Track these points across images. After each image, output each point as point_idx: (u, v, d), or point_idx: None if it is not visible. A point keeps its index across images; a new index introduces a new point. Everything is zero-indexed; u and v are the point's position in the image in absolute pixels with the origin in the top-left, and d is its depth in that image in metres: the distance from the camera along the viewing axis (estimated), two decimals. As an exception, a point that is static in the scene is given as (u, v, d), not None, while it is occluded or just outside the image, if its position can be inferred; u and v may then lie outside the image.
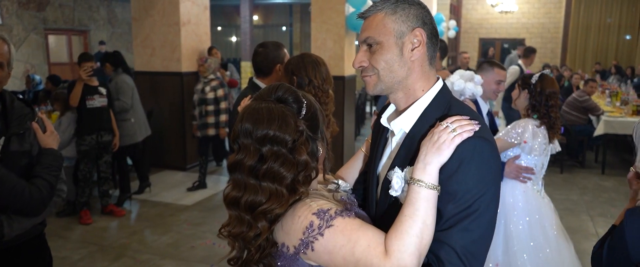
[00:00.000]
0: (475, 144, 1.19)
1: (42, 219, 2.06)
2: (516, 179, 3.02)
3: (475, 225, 1.18)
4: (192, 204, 5.50)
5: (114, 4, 14.56)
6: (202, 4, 6.98)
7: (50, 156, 2.01)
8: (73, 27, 13.33)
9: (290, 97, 1.28)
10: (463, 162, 1.18)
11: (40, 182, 1.94)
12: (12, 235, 1.93)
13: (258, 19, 19.34)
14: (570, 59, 15.69)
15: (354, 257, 1.14)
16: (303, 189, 1.23)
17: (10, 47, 1.96)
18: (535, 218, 2.99)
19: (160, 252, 4.27)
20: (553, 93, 2.97)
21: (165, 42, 6.72)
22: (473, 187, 1.18)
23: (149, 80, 6.89)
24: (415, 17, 1.30)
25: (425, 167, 1.18)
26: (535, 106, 2.99)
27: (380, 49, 1.30)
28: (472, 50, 16.93)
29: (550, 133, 3.00)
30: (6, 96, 2.00)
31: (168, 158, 6.99)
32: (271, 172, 1.20)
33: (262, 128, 1.20)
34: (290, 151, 1.21)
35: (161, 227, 4.84)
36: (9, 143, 1.94)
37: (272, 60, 2.78)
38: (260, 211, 1.21)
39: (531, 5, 16.06)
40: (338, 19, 6.21)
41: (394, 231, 1.14)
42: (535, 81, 3.01)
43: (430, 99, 1.33)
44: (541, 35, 16.06)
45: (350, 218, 1.18)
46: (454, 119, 1.21)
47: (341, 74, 6.18)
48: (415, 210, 1.15)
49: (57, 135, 2.11)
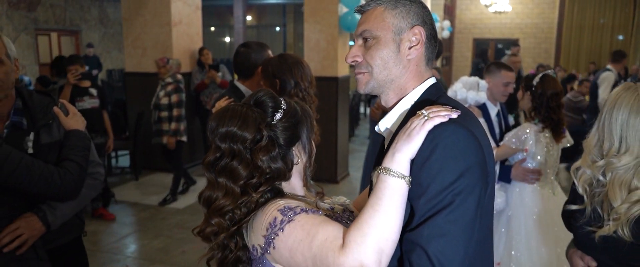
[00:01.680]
0: (451, 129, 1.09)
1: (81, 205, 2.05)
2: (524, 181, 3.00)
3: (449, 222, 1.05)
4: (183, 208, 5.42)
5: (106, 4, 14.44)
6: (194, 4, 6.90)
7: (74, 137, 1.98)
8: (64, 27, 13.20)
9: (269, 100, 1.26)
10: (435, 150, 1.07)
11: (68, 164, 1.91)
12: (57, 223, 1.93)
13: (251, 19, 19.26)
14: (564, 59, 15.73)
15: (311, 252, 1.08)
16: (255, 194, 1.20)
17: (4, 39, 1.91)
18: (544, 218, 2.96)
19: (151, 257, 4.19)
20: (555, 94, 2.90)
21: (156, 43, 6.63)
22: (446, 178, 1.06)
23: (140, 81, 6.80)
24: (416, 15, 1.25)
25: (394, 154, 1.09)
26: (536, 108, 2.94)
27: (377, 44, 1.24)
28: (466, 51, 16.93)
29: (553, 135, 2.95)
30: (24, 92, 2.01)
31: (159, 160, 6.89)
32: (226, 168, 1.21)
33: (223, 126, 1.21)
34: (248, 151, 1.21)
35: (152, 231, 4.75)
36: (39, 136, 1.94)
37: (254, 62, 2.58)
38: (214, 207, 1.22)
39: (525, 6, 16.07)
40: (331, 19, 6.15)
41: (354, 223, 1.06)
42: (536, 82, 2.95)
43: (417, 96, 1.26)
44: (535, 36, 16.07)
45: (314, 214, 1.14)
46: (429, 107, 1.13)
47: (335, 75, 6.12)
48: (378, 199, 1.06)
49: (81, 116, 2.08)
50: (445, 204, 1.05)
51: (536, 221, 2.96)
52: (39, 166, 1.82)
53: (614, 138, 1.67)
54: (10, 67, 1.89)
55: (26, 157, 1.81)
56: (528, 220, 2.97)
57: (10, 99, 1.94)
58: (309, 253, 1.09)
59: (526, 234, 2.95)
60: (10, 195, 1.87)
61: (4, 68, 1.87)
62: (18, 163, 1.77)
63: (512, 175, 3.01)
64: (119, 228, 4.90)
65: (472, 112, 1.27)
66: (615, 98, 1.69)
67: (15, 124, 1.93)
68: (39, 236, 1.89)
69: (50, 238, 1.99)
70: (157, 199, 5.68)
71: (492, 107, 3.25)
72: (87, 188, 2.04)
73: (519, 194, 3.03)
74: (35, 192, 1.83)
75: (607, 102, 1.71)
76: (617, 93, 1.70)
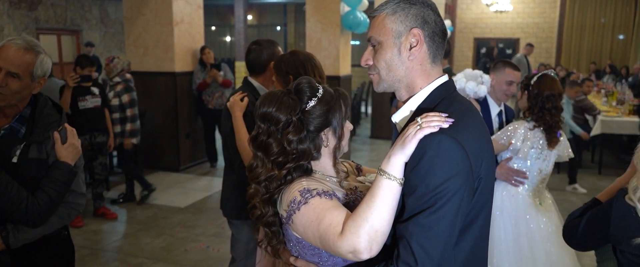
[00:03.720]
0: (438, 139, 1.20)
1: (51, 230, 2.01)
2: (506, 181, 2.94)
3: (432, 221, 1.19)
4: (185, 206, 5.42)
5: (107, 3, 14.44)
6: (195, 3, 6.90)
7: (59, 170, 1.94)
8: (65, 26, 13.19)
9: (307, 89, 1.43)
10: (423, 157, 1.21)
11: (40, 195, 1.90)
12: (17, 245, 1.93)
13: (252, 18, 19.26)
14: (565, 59, 15.72)
15: (319, 232, 1.29)
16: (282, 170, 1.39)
17: (39, 58, 1.92)
18: (523, 224, 2.89)
19: (153, 255, 4.19)
20: (551, 95, 2.83)
21: (158, 42, 6.63)
22: (431, 182, 1.20)
23: (141, 80, 6.79)
24: (415, 17, 1.33)
25: (389, 158, 1.24)
26: (531, 107, 2.88)
27: (381, 48, 1.36)
28: (467, 50, 16.93)
29: (547, 137, 2.87)
30: (40, 101, 2.01)
31: (161, 159, 6.91)
32: (262, 144, 1.42)
33: (263, 107, 1.42)
34: (280, 132, 1.40)
35: (154, 230, 4.76)
36: (28, 150, 1.93)
37: (266, 58, 2.69)
38: (252, 174, 1.43)
39: (526, 5, 16.07)
40: (333, 18, 6.15)
41: (352, 215, 1.25)
42: (533, 82, 2.89)
43: (425, 96, 1.36)
44: (536, 35, 16.06)
45: (326, 199, 1.32)
46: (425, 115, 1.25)
47: (337, 74, 6.12)
48: (372, 197, 1.22)
49: (77, 149, 2.02)
50: (429, 204, 1.20)
51: (515, 225, 2.89)
52: (12, 191, 1.83)
53: None
54: (27, 84, 1.91)
55: (2, 179, 1.81)
56: (507, 223, 2.90)
57: (19, 105, 1.96)
58: (317, 233, 1.29)
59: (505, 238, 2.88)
60: None
61: (19, 83, 1.88)
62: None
63: (496, 173, 2.95)
64: (121, 227, 4.90)
65: (472, 115, 1.34)
66: None
67: (13, 129, 1.94)
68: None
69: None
70: (159, 198, 5.68)
71: (494, 105, 3.18)
72: (59, 216, 2.01)
73: (500, 196, 2.94)
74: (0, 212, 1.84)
75: None
76: None
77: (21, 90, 1.90)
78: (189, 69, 6.83)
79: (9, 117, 1.96)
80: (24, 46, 1.90)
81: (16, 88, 1.88)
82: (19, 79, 1.87)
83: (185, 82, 6.78)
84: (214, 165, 7.11)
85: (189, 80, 6.86)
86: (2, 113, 1.95)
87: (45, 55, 1.97)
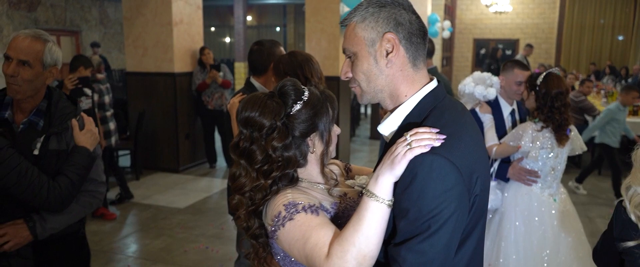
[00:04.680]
0: (429, 160, 1.13)
1: (75, 219, 2.07)
2: (520, 181, 2.95)
3: (426, 246, 1.13)
4: (184, 207, 5.41)
5: (106, 4, 14.43)
6: (195, 3, 6.89)
7: (78, 154, 1.99)
8: (64, 27, 13.18)
9: (292, 92, 1.34)
10: (415, 179, 1.13)
11: (61, 179, 1.93)
12: (44, 235, 1.97)
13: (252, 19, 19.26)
14: (564, 60, 15.72)
15: (304, 252, 1.21)
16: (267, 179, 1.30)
17: (48, 46, 1.96)
18: (534, 221, 2.91)
19: (153, 256, 4.18)
20: (559, 94, 2.83)
21: (157, 42, 6.63)
22: (424, 206, 1.12)
23: (141, 81, 6.80)
24: (386, 21, 1.23)
25: (377, 179, 1.16)
26: (540, 107, 2.87)
27: (356, 60, 1.27)
28: (467, 51, 16.92)
29: (556, 135, 2.87)
30: (54, 95, 2.05)
31: (161, 160, 6.90)
32: (245, 151, 1.32)
33: (245, 111, 1.32)
34: (264, 138, 1.30)
35: (153, 230, 4.75)
36: (48, 141, 1.97)
37: (267, 58, 2.69)
38: (236, 184, 1.34)
39: (525, 6, 16.06)
40: (333, 19, 6.14)
41: (339, 237, 1.18)
42: (540, 82, 2.88)
43: (412, 106, 1.27)
44: (535, 36, 16.06)
45: (312, 215, 1.24)
46: (414, 131, 1.16)
47: (336, 75, 6.11)
48: (359, 220, 1.15)
49: (95, 135, 2.07)
50: (422, 229, 1.13)
51: (526, 223, 2.91)
52: (32, 175, 1.85)
53: None
54: (38, 72, 1.95)
55: (23, 164, 1.84)
56: (518, 221, 2.92)
57: (35, 98, 2.00)
58: (303, 252, 1.22)
59: (515, 236, 2.91)
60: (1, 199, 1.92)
61: (30, 72, 1.92)
62: (12, 169, 1.82)
63: (508, 173, 2.97)
64: (120, 228, 4.89)
65: (464, 125, 1.25)
66: None
67: (31, 122, 1.99)
68: (25, 243, 1.94)
69: None
70: (158, 199, 5.67)
71: (506, 105, 3.18)
72: (82, 205, 2.07)
73: (513, 194, 2.97)
74: (20, 199, 1.87)
75: None
76: None
77: (34, 78, 1.94)
78: (188, 69, 6.82)
79: (26, 112, 2.01)
80: (31, 35, 1.96)
81: (28, 76, 1.92)
82: (29, 67, 1.92)
83: (184, 82, 6.78)
84: (214, 166, 7.10)
85: (188, 80, 6.86)
86: (20, 109, 2.00)
87: (54, 44, 2.01)
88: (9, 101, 2.01)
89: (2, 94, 2.03)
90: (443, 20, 13.38)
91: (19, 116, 2.01)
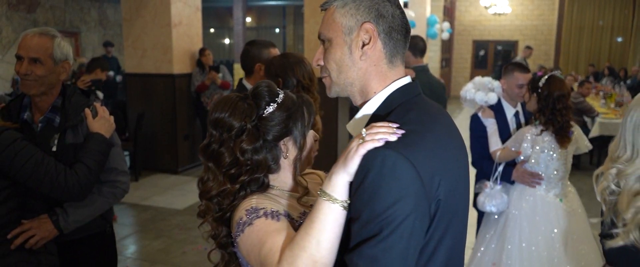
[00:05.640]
0: (382, 155, 1.02)
1: (97, 213, 2.06)
2: (524, 183, 2.96)
3: (378, 252, 1.01)
4: (183, 208, 5.41)
5: (105, 5, 14.44)
6: (194, 5, 6.90)
7: (92, 140, 1.98)
8: (64, 28, 13.19)
9: (266, 93, 1.29)
10: (366, 176, 1.02)
11: (78, 166, 1.93)
12: (69, 228, 1.98)
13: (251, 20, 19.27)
14: (563, 61, 15.74)
15: (260, 258, 1.14)
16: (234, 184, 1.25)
17: (56, 41, 2.00)
18: (539, 222, 2.91)
19: (151, 257, 4.18)
20: (562, 96, 2.81)
21: (156, 44, 6.63)
22: (376, 207, 1.01)
23: (140, 82, 6.80)
24: (368, 10, 1.15)
25: (330, 177, 1.07)
26: (542, 110, 2.86)
27: (330, 47, 1.19)
28: (466, 53, 16.94)
29: (558, 138, 2.85)
30: (68, 91, 2.07)
31: (159, 161, 6.90)
32: (214, 154, 1.27)
33: (215, 112, 1.28)
34: (233, 140, 1.25)
35: (152, 231, 4.75)
36: (64, 136, 1.99)
37: (252, 58, 2.63)
38: (203, 189, 1.29)
39: (525, 7, 16.10)
40: (332, 20, 6.16)
41: (291, 242, 1.09)
42: (542, 84, 2.87)
43: (379, 102, 1.18)
44: (534, 37, 16.09)
45: (272, 221, 1.18)
46: (371, 126, 1.07)
47: (335, 76, 6.13)
48: (311, 223, 1.06)
49: (109, 121, 2.06)
50: (374, 232, 1.01)
51: (530, 225, 2.91)
52: (48, 164, 1.86)
53: (627, 144, 1.56)
54: (50, 68, 1.97)
55: (37, 154, 1.85)
56: (523, 223, 2.93)
57: (50, 96, 2.03)
58: (258, 259, 1.15)
59: (519, 237, 2.91)
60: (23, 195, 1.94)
61: (42, 68, 1.95)
62: (28, 159, 1.82)
63: (513, 176, 2.99)
64: (120, 229, 4.88)
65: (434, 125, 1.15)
66: (634, 103, 1.60)
67: (48, 120, 2.02)
68: (50, 238, 1.95)
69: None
70: (157, 200, 5.67)
71: (510, 108, 3.18)
72: (105, 195, 2.07)
73: (518, 197, 2.98)
74: (40, 190, 1.87)
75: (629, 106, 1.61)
76: (637, 98, 1.62)
77: (47, 74, 1.97)
78: (187, 70, 6.83)
79: (43, 111, 2.04)
80: (38, 32, 1.99)
81: (41, 73, 1.95)
82: (41, 64, 1.95)
83: (183, 84, 6.78)
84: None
85: (187, 82, 6.86)
86: (37, 109, 2.04)
87: (62, 39, 2.04)
88: (27, 103, 2.05)
89: (21, 96, 2.07)
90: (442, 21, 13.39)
91: (37, 116, 2.04)
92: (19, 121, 2.03)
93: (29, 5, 12.12)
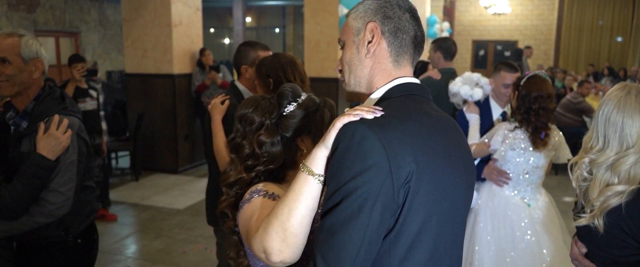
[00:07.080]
0: (352, 128, 1.04)
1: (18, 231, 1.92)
2: (491, 180, 2.95)
3: (336, 224, 1.01)
4: (183, 208, 5.42)
5: (106, 5, 14.44)
6: (194, 5, 6.91)
7: (28, 162, 1.85)
8: (64, 28, 13.19)
9: (289, 93, 1.39)
10: (337, 148, 1.06)
11: (9, 187, 1.85)
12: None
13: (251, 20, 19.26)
14: (563, 61, 15.74)
15: (248, 227, 1.22)
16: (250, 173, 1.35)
17: (23, 40, 1.96)
18: (501, 222, 2.89)
19: (152, 257, 4.19)
20: (539, 97, 2.76)
21: (156, 44, 6.64)
22: (340, 177, 1.03)
23: (140, 82, 6.81)
24: (373, 11, 1.21)
25: (312, 152, 1.12)
26: (518, 108, 2.83)
27: (344, 49, 1.27)
28: (466, 52, 16.94)
29: (532, 138, 2.79)
30: (42, 94, 2.01)
31: (160, 161, 6.91)
32: (236, 145, 1.39)
33: (241, 109, 1.40)
34: (254, 133, 1.36)
35: (152, 231, 4.75)
36: (20, 143, 1.94)
37: (237, 60, 2.62)
38: (224, 177, 1.39)
39: (524, 7, 16.09)
40: (332, 20, 6.16)
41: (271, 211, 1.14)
42: (522, 83, 2.84)
43: (380, 95, 1.21)
44: (534, 37, 16.08)
45: (268, 200, 1.25)
46: (355, 108, 1.11)
47: (335, 76, 6.13)
48: (288, 194, 1.11)
49: (58, 141, 1.87)
50: (334, 203, 1.03)
51: (493, 223, 2.89)
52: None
53: (599, 135, 1.71)
54: (19, 67, 1.93)
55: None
56: (488, 221, 2.91)
57: (25, 96, 1.99)
58: (247, 228, 1.23)
59: (485, 236, 2.90)
60: None
61: (11, 67, 1.92)
62: None
63: (483, 173, 2.95)
64: (120, 229, 4.89)
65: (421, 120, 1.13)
66: (607, 96, 1.72)
67: (16, 124, 1.98)
68: None
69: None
70: (158, 200, 5.68)
71: (497, 107, 3.17)
72: (30, 214, 1.90)
73: (487, 194, 2.94)
74: None
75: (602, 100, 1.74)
76: (611, 91, 1.72)
77: (17, 73, 1.93)
78: (187, 71, 6.83)
79: (19, 111, 2.00)
80: (5, 33, 1.96)
81: (10, 72, 1.92)
82: (9, 63, 1.92)
83: (183, 84, 6.79)
84: (213, 167, 7.10)
85: (187, 82, 6.87)
86: (18, 110, 2.00)
87: (31, 38, 2.00)
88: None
89: None
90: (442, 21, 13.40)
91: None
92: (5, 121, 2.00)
93: (29, 6, 12.12)
